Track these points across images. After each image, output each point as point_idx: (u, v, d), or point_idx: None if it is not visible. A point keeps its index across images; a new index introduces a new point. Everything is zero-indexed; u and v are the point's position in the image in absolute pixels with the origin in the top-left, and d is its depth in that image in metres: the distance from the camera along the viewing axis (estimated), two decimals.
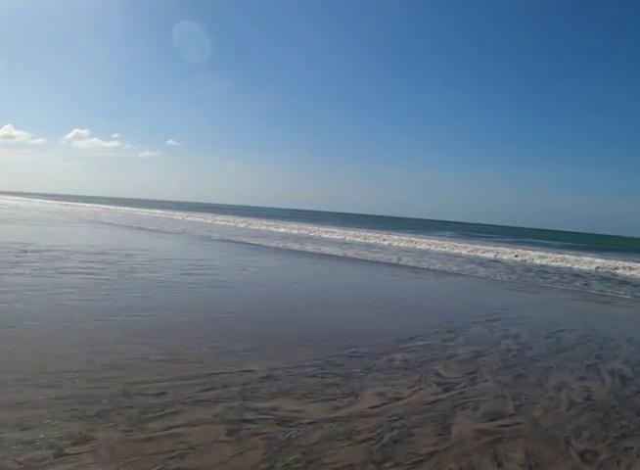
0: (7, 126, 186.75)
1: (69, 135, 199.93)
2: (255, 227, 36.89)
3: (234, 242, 23.41)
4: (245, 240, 24.75)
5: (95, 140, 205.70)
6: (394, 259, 20.60)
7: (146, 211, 52.52)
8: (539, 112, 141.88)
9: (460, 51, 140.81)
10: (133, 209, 58.34)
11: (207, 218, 43.76)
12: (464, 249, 27.54)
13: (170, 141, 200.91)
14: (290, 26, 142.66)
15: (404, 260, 20.38)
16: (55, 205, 61.80)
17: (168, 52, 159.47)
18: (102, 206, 62.22)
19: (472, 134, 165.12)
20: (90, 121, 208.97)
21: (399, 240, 30.55)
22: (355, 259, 19.62)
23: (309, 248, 23.25)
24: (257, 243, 23.70)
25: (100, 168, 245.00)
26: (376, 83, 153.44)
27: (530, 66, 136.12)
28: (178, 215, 46.47)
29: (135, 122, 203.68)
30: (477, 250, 27.17)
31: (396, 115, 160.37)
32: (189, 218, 42.68)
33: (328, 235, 33.00)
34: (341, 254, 21.54)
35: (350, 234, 33.29)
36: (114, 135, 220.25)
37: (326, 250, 22.59)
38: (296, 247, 23.44)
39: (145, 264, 12.46)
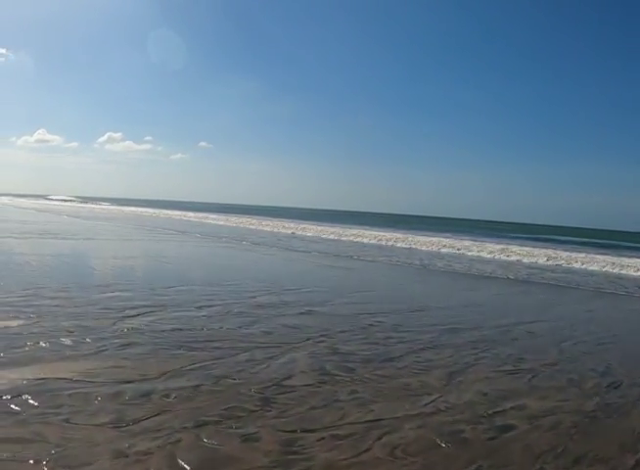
0: (40, 131, 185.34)
1: (103, 139, 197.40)
2: (337, 237, 30.02)
3: (372, 262, 16.72)
4: (373, 258, 18.01)
5: (128, 143, 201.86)
6: (606, 283, 13.77)
7: (194, 216, 46.27)
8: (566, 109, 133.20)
9: (479, 48, 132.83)
10: (176, 212, 52.19)
11: (264, 224, 37.15)
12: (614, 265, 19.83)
13: (202, 143, 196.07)
14: (315, 28, 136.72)
15: (611, 287, 13.48)
16: (96, 208, 56.12)
17: (199, 54, 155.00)
18: (142, 209, 56.34)
19: (494, 132, 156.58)
20: (123, 125, 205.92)
21: (518, 252, 23.25)
22: (563, 287, 12.77)
23: (459, 266, 16.50)
24: (390, 261, 16.95)
25: (133, 171, 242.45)
26: (402, 82, 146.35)
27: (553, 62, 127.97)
28: (237, 220, 40.00)
29: (167, 125, 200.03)
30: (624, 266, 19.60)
31: (420, 113, 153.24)
32: (253, 226, 36.05)
33: (426, 247, 25.77)
34: (512, 276, 14.80)
35: (441, 243, 26.20)
36: (147, 138, 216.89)
37: (487, 268, 15.72)
38: (440, 264, 16.87)
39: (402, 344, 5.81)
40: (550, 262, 20.11)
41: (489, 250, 23.26)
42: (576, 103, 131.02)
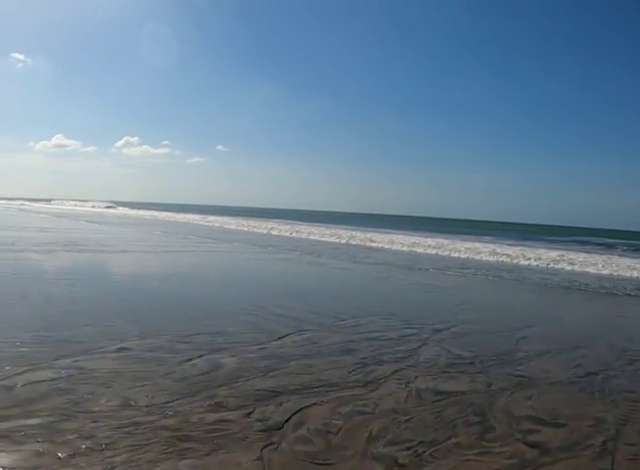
0: (58, 136, 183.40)
1: (120, 143, 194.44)
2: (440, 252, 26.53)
3: (462, 276, 13.44)
4: (456, 271, 14.73)
5: (145, 147, 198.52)
6: None
7: (217, 220, 43.16)
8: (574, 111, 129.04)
9: (485, 52, 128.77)
10: (197, 216, 49.14)
11: (296, 229, 33.86)
12: None
13: (220, 147, 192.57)
14: (330, 33, 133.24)
15: None
16: (116, 212, 53.33)
17: (215, 58, 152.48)
18: (163, 213, 53.48)
19: (498, 133, 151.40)
20: (140, 129, 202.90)
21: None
22: None
23: (558, 279, 13.18)
24: (477, 274, 13.66)
25: (150, 175, 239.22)
26: (414, 85, 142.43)
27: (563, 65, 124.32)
28: (266, 226, 36.85)
29: (185, 129, 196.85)
30: None
31: (428, 115, 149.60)
32: (314, 237, 32.64)
33: (537, 263, 22.29)
34: (632, 293, 11.48)
35: (490, 249, 22.80)
36: (164, 142, 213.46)
37: (587, 281, 12.37)
38: (534, 278, 13.57)
39: None
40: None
41: (546, 257, 19.53)
42: (577, 104, 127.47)
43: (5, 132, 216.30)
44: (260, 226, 34.28)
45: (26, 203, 73.15)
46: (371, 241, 24.83)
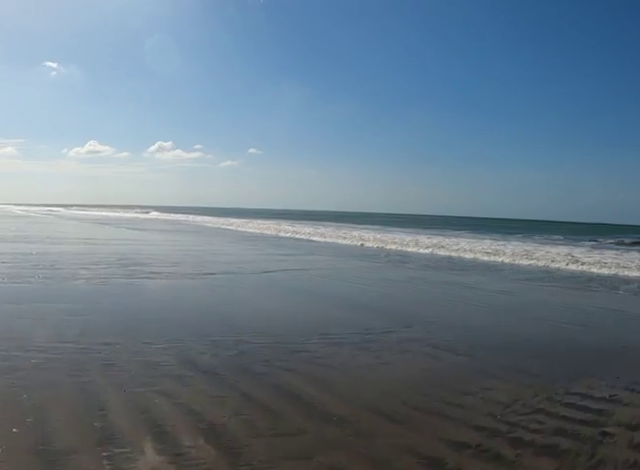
0: (92, 142, 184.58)
1: (153, 148, 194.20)
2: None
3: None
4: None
5: (177, 151, 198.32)
6: None
7: (266, 225, 39.11)
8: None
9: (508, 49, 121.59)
10: (238, 220, 45.28)
11: (362, 237, 29.38)
12: None
13: (252, 150, 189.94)
14: (363, 34, 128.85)
15: None
16: (157, 218, 49.92)
17: (245, 63, 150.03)
18: (202, 217, 49.87)
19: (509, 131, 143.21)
20: (173, 133, 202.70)
21: None
22: None
23: None
24: None
25: (182, 179, 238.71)
26: (439, 86, 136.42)
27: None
28: (328, 233, 32.56)
29: (217, 133, 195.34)
30: None
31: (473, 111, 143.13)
32: (396, 247, 27.95)
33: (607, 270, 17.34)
34: None
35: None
36: (197, 146, 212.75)
37: None
38: None
39: None
40: None
41: None
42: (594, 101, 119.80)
43: (39, 139, 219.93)
44: (317, 232, 29.94)
45: (62, 209, 70.91)
46: (448, 248, 20.18)
